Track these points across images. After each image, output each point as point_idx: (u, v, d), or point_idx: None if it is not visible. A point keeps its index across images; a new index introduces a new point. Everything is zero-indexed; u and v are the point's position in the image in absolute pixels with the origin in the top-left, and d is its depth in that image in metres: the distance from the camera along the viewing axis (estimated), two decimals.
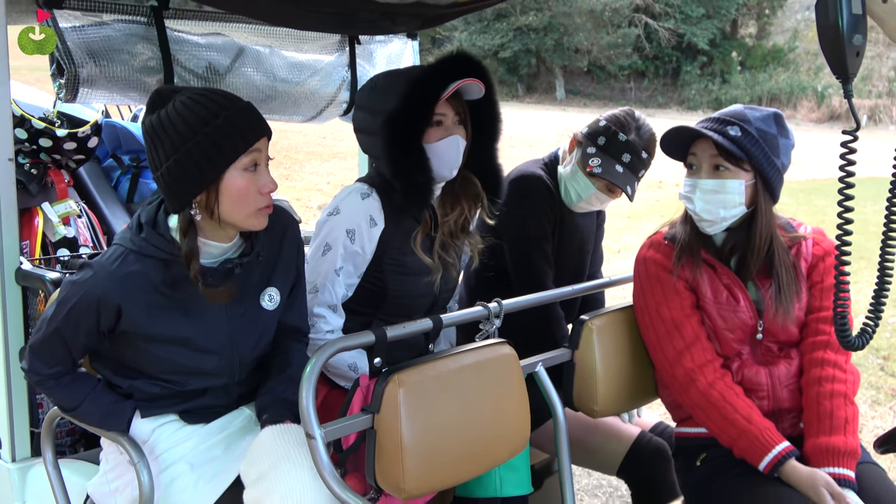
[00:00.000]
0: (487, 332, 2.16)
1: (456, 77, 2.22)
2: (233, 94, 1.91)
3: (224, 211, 1.90)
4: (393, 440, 1.80)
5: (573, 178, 2.63)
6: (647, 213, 10.42)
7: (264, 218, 1.96)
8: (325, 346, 1.83)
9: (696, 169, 2.24)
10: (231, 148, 1.85)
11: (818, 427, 2.14)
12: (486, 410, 2.00)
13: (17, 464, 2.49)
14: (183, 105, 1.83)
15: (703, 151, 2.22)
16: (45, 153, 3.12)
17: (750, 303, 2.24)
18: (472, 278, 2.78)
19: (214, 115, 1.83)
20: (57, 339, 1.95)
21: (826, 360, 2.20)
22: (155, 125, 1.85)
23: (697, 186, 2.22)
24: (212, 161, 1.84)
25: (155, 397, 2.04)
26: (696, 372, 2.20)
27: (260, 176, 1.91)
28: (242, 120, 1.86)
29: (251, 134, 1.88)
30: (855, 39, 1.22)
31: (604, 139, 2.56)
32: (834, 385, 2.17)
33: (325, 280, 2.28)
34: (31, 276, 2.42)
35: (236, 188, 1.88)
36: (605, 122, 2.59)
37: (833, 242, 2.30)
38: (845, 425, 2.13)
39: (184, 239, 1.89)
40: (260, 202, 1.92)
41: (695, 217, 2.26)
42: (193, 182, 1.86)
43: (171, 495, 1.98)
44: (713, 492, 2.19)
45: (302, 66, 2.97)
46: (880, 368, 5.48)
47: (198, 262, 1.90)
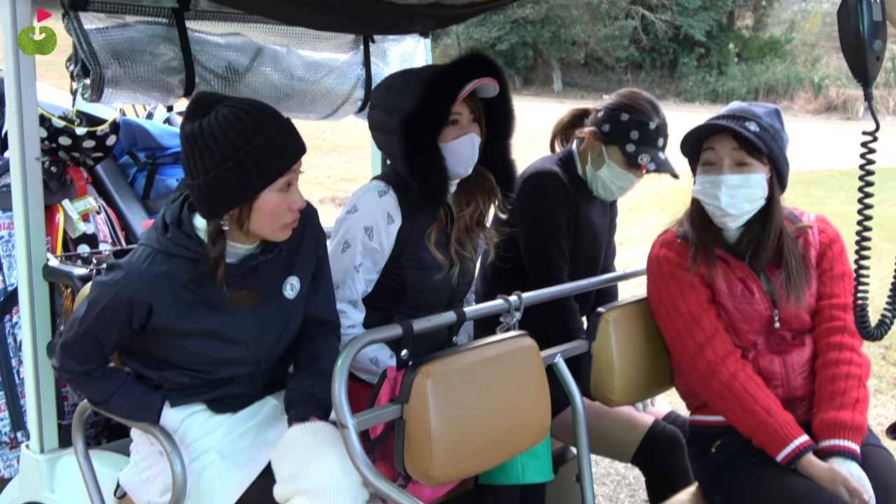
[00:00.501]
0: (508, 325, 2.22)
1: (470, 76, 2.27)
2: (272, 109, 1.96)
3: (254, 225, 1.96)
4: (422, 429, 1.86)
5: (612, 175, 2.68)
6: (647, 205, 10.48)
7: (290, 231, 2.02)
8: (354, 339, 1.89)
9: (717, 165, 2.27)
10: (272, 169, 1.90)
11: (829, 404, 2.21)
12: (508, 400, 2.06)
13: (45, 455, 2.54)
14: (225, 119, 1.87)
15: (722, 147, 2.25)
16: (63, 151, 3.17)
17: (764, 294, 2.30)
18: (489, 272, 2.83)
19: (256, 133, 1.87)
20: (89, 338, 2.01)
21: (843, 344, 2.27)
22: (196, 135, 1.89)
23: (722, 182, 2.24)
24: (251, 181, 1.90)
25: (184, 387, 2.09)
26: (719, 364, 2.25)
27: (291, 194, 1.97)
28: (283, 139, 1.91)
29: (291, 155, 1.93)
30: (875, 45, 1.28)
31: (637, 133, 2.60)
32: (850, 367, 2.24)
33: (346, 276, 2.34)
34: (58, 272, 2.47)
35: (269, 206, 1.94)
36: (629, 116, 2.62)
37: (836, 229, 2.38)
38: (855, 404, 2.20)
39: (213, 246, 1.95)
40: (288, 218, 1.98)
41: (716, 213, 2.30)
42: (231, 198, 1.91)
43: (202, 484, 2.04)
44: (728, 478, 2.25)
45: (318, 65, 3.01)
46: (882, 358, 5.55)
47: (224, 267, 1.96)
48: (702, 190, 2.30)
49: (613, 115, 2.66)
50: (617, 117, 2.65)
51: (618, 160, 2.65)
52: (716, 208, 2.29)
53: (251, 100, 1.98)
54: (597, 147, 2.69)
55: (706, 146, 2.29)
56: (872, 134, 1.42)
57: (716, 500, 2.29)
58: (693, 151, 2.34)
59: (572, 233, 2.73)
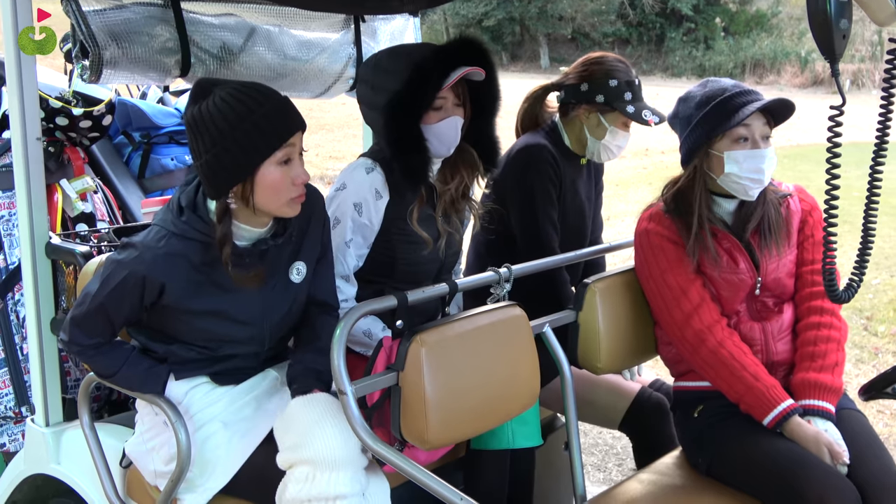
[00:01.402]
0: (498, 296, 2.30)
1: (458, 61, 2.32)
2: (269, 88, 2.02)
3: (259, 200, 2.03)
4: (417, 395, 1.94)
5: (614, 139, 2.79)
6: (634, 181, 10.56)
7: (297, 206, 2.08)
8: (352, 310, 1.96)
9: (751, 140, 2.31)
10: (266, 144, 1.97)
11: (809, 364, 2.31)
12: (499, 368, 2.14)
13: (51, 428, 2.61)
14: (222, 100, 1.95)
15: (753, 122, 2.31)
16: (60, 131, 3.21)
17: (749, 263, 2.37)
18: (481, 244, 2.91)
19: (251, 112, 1.94)
20: (100, 314, 2.07)
21: (824, 308, 2.37)
22: (196, 118, 1.97)
23: (764, 156, 2.30)
24: (248, 156, 1.97)
25: (189, 361, 2.17)
26: (706, 332, 2.33)
27: (293, 168, 2.03)
28: (278, 116, 1.98)
29: (285, 130, 2.00)
30: (842, 24, 1.36)
31: (630, 94, 2.73)
32: (830, 331, 2.34)
33: (337, 252, 2.40)
34: (61, 250, 2.53)
35: (270, 180, 2.00)
36: (616, 81, 2.73)
37: (814, 197, 2.47)
38: (834, 367, 2.30)
39: (219, 224, 2.02)
40: (293, 192, 2.05)
41: (750, 186, 2.32)
42: (230, 175, 1.99)
43: (206, 451, 2.11)
44: (710, 440, 2.34)
45: (310, 45, 3.07)
46: (864, 328, 5.67)
47: (230, 246, 2.03)
48: (743, 165, 2.30)
49: (601, 84, 2.73)
50: (605, 84, 2.73)
51: (618, 124, 2.75)
52: (755, 182, 2.32)
53: (248, 82, 2.05)
54: (593, 118, 2.77)
55: (744, 122, 2.30)
56: (839, 108, 1.51)
57: (699, 462, 2.37)
58: (714, 131, 2.33)
59: (561, 203, 2.81)
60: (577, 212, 2.89)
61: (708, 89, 2.36)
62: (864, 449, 2.22)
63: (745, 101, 2.29)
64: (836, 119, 1.53)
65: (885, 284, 6.44)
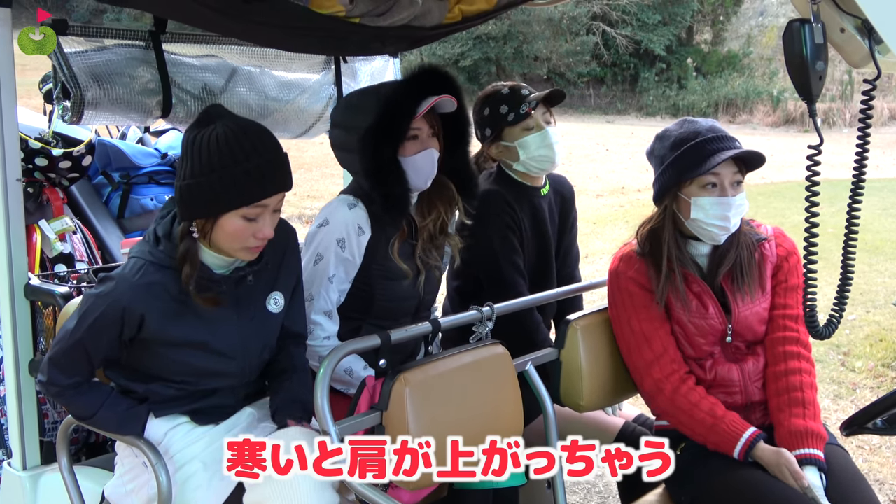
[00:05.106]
0: (480, 335, 2.30)
1: (427, 91, 2.35)
2: (271, 139, 2.04)
3: (215, 239, 2.04)
4: (401, 435, 1.94)
5: (534, 147, 2.76)
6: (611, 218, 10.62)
7: (253, 255, 2.09)
8: (335, 349, 1.96)
9: (720, 186, 2.30)
10: (236, 198, 1.98)
11: (802, 411, 2.31)
12: (483, 406, 2.14)
13: (28, 472, 2.58)
14: (217, 138, 1.96)
15: (725, 169, 2.30)
16: (39, 172, 3.21)
17: (718, 309, 2.38)
18: (461, 282, 2.91)
19: (236, 162, 1.96)
20: (79, 351, 2.06)
21: (799, 353, 2.37)
22: (191, 142, 1.99)
23: (731, 204, 2.29)
24: (217, 200, 1.98)
25: (168, 399, 2.16)
26: (663, 382, 2.36)
27: (259, 223, 2.03)
28: (260, 174, 1.98)
29: (261, 192, 2.00)
30: (818, 66, 1.40)
31: (505, 107, 2.77)
32: (803, 377, 2.35)
33: (320, 288, 2.41)
34: (40, 291, 2.51)
35: (231, 228, 2.01)
36: (488, 108, 2.81)
37: (793, 241, 2.48)
38: (815, 413, 2.32)
39: (180, 243, 2.02)
40: (251, 243, 2.05)
41: (717, 232, 2.32)
42: (199, 208, 2.01)
43: (186, 492, 2.10)
44: (691, 477, 2.34)
45: (291, 85, 3.09)
46: (841, 364, 5.69)
47: (191, 268, 2.03)
48: (709, 212, 2.30)
49: (482, 119, 2.82)
50: (484, 117, 2.81)
51: (520, 133, 2.77)
52: (721, 228, 2.32)
53: (253, 125, 2.06)
54: (500, 147, 2.81)
55: (714, 170, 2.29)
56: (817, 147, 1.54)
57: (681, 499, 2.38)
58: (683, 176, 2.32)
59: (526, 241, 2.80)
60: (540, 249, 2.87)
61: (683, 130, 2.36)
62: (848, 484, 2.23)
63: (717, 148, 2.29)
64: (814, 158, 1.55)
65: (861, 320, 6.49)
